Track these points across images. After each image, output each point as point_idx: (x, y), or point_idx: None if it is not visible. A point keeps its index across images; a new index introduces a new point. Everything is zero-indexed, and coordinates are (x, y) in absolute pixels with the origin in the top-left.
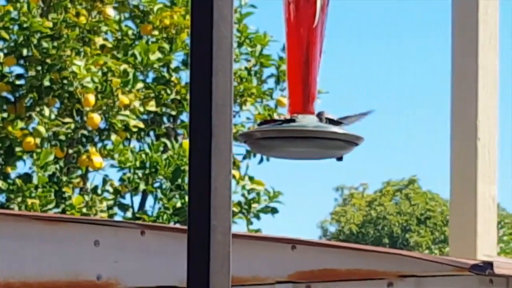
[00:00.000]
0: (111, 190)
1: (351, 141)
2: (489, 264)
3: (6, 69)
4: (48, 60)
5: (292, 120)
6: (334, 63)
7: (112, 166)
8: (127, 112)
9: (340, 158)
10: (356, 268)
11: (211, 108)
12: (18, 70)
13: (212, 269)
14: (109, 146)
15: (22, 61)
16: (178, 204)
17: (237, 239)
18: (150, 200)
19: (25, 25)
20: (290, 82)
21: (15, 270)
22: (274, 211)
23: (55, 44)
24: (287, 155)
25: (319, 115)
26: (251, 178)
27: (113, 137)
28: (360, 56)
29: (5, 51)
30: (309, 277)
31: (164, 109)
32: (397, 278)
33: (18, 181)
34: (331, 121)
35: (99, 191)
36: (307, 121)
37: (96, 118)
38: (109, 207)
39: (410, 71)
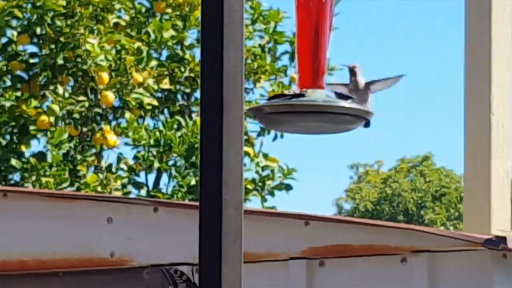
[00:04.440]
0: (125, 168)
1: (360, 116)
2: (502, 239)
3: (20, 48)
4: (62, 39)
5: (301, 95)
6: (349, 40)
7: (126, 144)
8: (141, 90)
9: (367, 124)
10: (369, 244)
11: (222, 82)
12: (32, 48)
13: (224, 244)
14: (123, 124)
15: (35, 40)
16: (193, 182)
17: (250, 215)
18: (164, 178)
19: (38, 4)
20: (299, 57)
21: (29, 247)
22: (288, 188)
23: (69, 22)
24: (296, 129)
25: (352, 68)
26: (265, 155)
27: (127, 115)
28: (374, 33)
29: (19, 29)
30: (322, 253)
31: (178, 87)
32: (411, 254)
33: (32, 160)
34: (340, 96)
35: (113, 169)
36: (317, 95)
37: (110, 96)
38: (124, 185)
39: (423, 47)
